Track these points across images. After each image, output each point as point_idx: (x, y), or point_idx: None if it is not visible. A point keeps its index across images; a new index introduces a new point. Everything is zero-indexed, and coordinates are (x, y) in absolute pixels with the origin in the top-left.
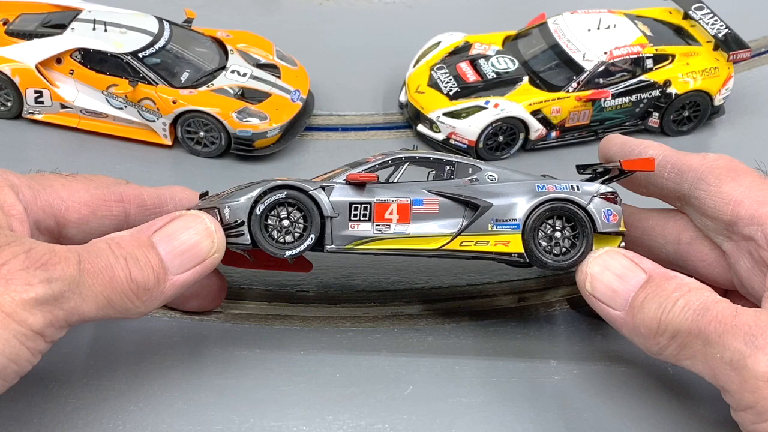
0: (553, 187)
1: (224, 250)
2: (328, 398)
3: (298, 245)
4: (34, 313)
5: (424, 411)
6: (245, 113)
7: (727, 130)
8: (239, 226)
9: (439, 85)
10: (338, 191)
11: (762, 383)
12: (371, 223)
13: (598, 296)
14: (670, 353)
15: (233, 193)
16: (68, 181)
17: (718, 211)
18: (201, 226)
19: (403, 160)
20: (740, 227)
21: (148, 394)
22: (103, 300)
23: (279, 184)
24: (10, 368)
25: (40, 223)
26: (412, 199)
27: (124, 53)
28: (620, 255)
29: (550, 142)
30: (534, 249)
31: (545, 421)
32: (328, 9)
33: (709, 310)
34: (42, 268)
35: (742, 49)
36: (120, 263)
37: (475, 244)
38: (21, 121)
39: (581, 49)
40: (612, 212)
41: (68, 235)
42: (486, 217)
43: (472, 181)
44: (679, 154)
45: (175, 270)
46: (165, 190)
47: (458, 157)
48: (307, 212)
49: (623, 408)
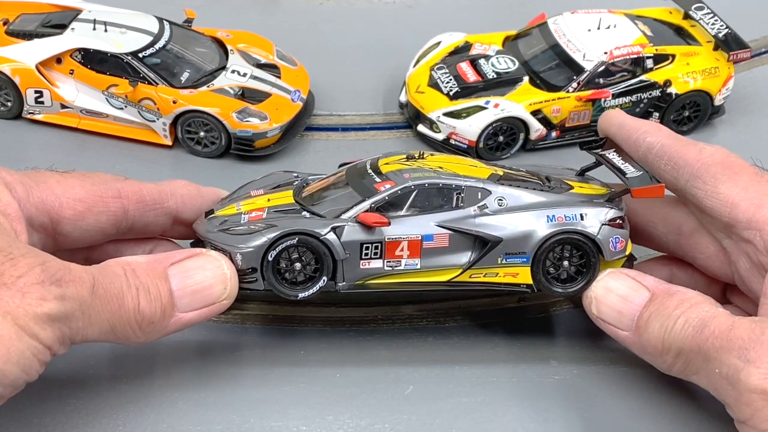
0: (563, 217)
1: (234, 297)
2: (328, 398)
3: (311, 287)
4: (45, 328)
5: (424, 411)
6: (245, 113)
7: (727, 130)
8: (252, 273)
9: (440, 85)
10: (349, 231)
11: (755, 396)
12: (382, 260)
13: (605, 318)
14: (678, 370)
15: (243, 235)
16: (63, 177)
17: (715, 211)
18: (218, 270)
19: (413, 188)
20: (738, 230)
21: (148, 394)
22: (108, 326)
23: (291, 231)
24: (22, 378)
25: (33, 219)
26: (423, 235)
27: (125, 53)
28: (623, 275)
29: (550, 142)
30: (542, 279)
31: (545, 421)
32: (328, 9)
33: (707, 326)
34: (56, 284)
35: (742, 49)
36: (132, 292)
37: (484, 275)
38: (21, 121)
39: (581, 49)
40: (620, 239)
41: (63, 231)
42: (496, 252)
43: (481, 208)
44: (676, 144)
45: (183, 308)
46: (166, 186)
47: (467, 179)
48: (319, 256)
49: (623, 408)
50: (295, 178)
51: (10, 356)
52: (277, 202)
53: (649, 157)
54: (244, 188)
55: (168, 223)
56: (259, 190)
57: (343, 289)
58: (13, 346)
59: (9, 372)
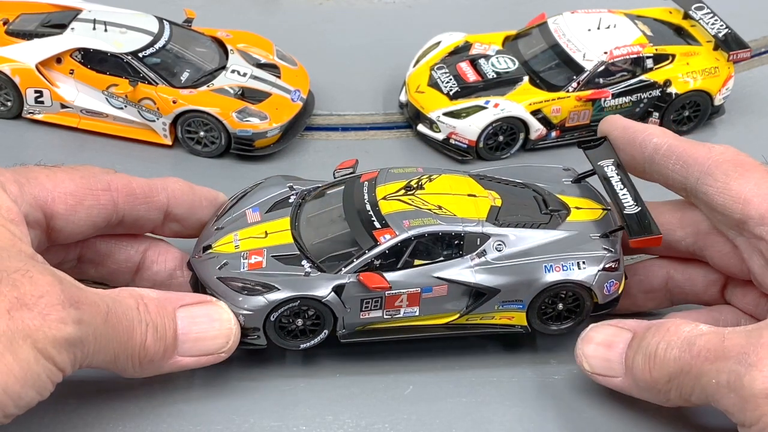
0: (560, 267)
1: (233, 351)
2: (328, 398)
3: (312, 339)
4: (62, 351)
5: (424, 411)
6: (245, 113)
7: (727, 130)
8: (255, 330)
9: (440, 84)
10: (350, 288)
11: (761, 400)
12: (382, 310)
13: (598, 371)
14: (675, 397)
15: (243, 295)
16: (52, 172)
17: (727, 208)
18: (225, 324)
19: (412, 239)
20: (751, 226)
21: (148, 394)
22: (112, 356)
23: (293, 296)
24: (36, 399)
25: (28, 216)
26: (422, 287)
27: (124, 53)
28: (604, 326)
29: (550, 141)
30: (536, 321)
31: (545, 421)
32: (328, 9)
33: (694, 344)
34: (74, 306)
35: (742, 49)
36: (141, 327)
37: (480, 318)
38: (21, 121)
39: (581, 49)
40: (614, 282)
41: (56, 227)
42: (493, 300)
43: (480, 254)
44: (684, 144)
45: (183, 352)
46: (157, 181)
47: (466, 224)
48: (320, 314)
49: (623, 408)
50: (289, 189)
51: (27, 379)
52: (274, 240)
53: (656, 158)
54: (240, 203)
55: (159, 219)
56: (256, 211)
57: (343, 337)
58: (31, 369)
59: (26, 395)
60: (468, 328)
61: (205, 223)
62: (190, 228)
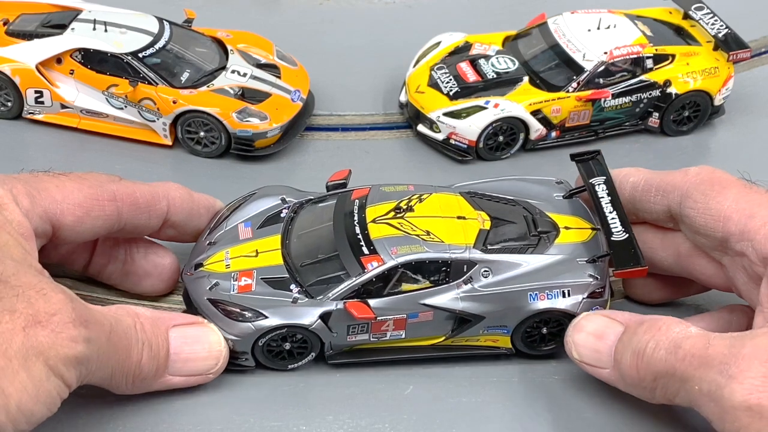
0: (545, 295)
1: (220, 373)
2: (328, 398)
3: (300, 360)
4: (71, 369)
5: (424, 411)
6: (245, 113)
7: (727, 130)
8: (243, 353)
9: (439, 85)
10: (337, 314)
11: (740, 412)
12: (368, 333)
13: (586, 360)
14: (660, 396)
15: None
16: (62, 182)
17: (709, 228)
18: (215, 347)
19: (399, 267)
20: (732, 243)
21: (148, 394)
22: (109, 373)
23: (280, 324)
24: (46, 416)
25: (37, 229)
26: (408, 314)
27: (125, 53)
28: (596, 316)
29: (550, 142)
30: (521, 343)
31: (545, 421)
32: (328, 9)
33: (680, 347)
34: (84, 324)
35: (742, 49)
36: (138, 346)
37: (465, 340)
38: (21, 121)
39: (581, 49)
40: (598, 308)
41: (62, 236)
42: (478, 326)
43: (466, 281)
44: (659, 175)
45: (173, 371)
46: (158, 188)
47: (453, 251)
48: (307, 339)
49: (623, 408)
50: (281, 202)
51: (39, 396)
52: (265, 260)
53: (637, 195)
54: (233, 216)
55: (158, 225)
56: (248, 226)
57: (330, 358)
58: (43, 386)
59: (37, 411)
60: (454, 350)
61: (201, 231)
62: (185, 234)
